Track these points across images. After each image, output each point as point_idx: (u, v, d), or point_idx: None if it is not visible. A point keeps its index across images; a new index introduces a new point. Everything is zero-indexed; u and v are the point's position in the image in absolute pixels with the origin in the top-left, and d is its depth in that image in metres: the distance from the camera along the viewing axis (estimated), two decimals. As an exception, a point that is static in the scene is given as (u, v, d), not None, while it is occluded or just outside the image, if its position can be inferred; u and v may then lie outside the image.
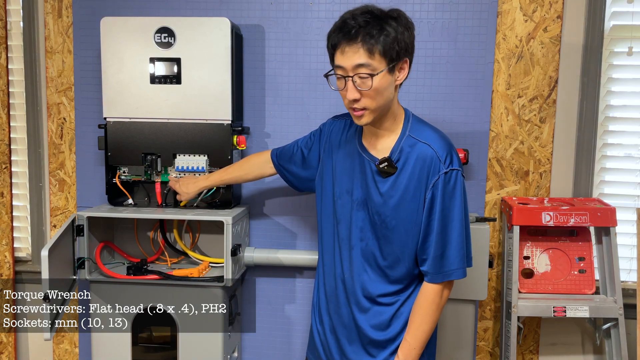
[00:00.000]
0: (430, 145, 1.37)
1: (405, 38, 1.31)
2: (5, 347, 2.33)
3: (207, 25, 1.88)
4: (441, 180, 1.36)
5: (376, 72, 1.28)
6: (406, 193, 1.38)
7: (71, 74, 2.16)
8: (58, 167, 2.22)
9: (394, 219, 1.40)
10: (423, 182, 1.37)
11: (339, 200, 1.48)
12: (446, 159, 1.36)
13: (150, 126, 1.93)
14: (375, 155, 1.42)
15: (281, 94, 2.06)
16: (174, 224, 2.01)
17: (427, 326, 1.41)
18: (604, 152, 2.09)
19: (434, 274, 1.40)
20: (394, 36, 1.28)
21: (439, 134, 1.41)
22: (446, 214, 1.37)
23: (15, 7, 2.24)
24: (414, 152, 1.38)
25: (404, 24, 1.30)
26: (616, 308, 1.89)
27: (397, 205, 1.39)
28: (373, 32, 1.27)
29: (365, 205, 1.43)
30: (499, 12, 2.00)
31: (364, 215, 1.44)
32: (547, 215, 1.89)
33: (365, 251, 1.45)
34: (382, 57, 1.28)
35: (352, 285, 1.47)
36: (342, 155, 1.50)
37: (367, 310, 1.46)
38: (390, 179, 1.39)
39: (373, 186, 1.41)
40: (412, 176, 1.38)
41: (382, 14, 1.30)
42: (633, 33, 2.02)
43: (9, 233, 2.29)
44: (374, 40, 1.27)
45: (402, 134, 1.41)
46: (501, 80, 2.03)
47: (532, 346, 2.15)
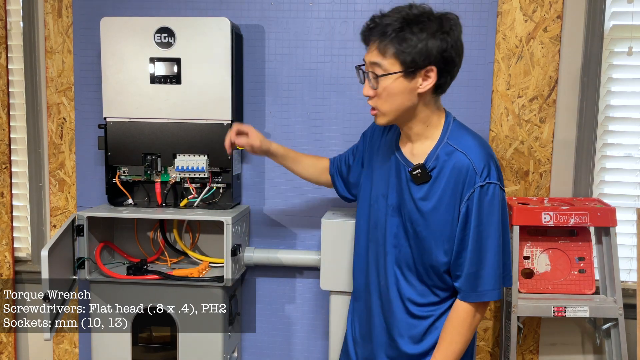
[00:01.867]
0: (467, 154, 1.29)
1: (429, 45, 1.23)
2: (5, 347, 2.33)
3: (207, 25, 1.88)
4: (477, 193, 1.27)
5: (384, 74, 1.25)
6: (439, 204, 1.31)
7: (71, 74, 2.16)
8: (58, 167, 2.22)
9: (425, 229, 1.33)
10: (458, 194, 1.29)
11: (374, 205, 1.43)
12: (483, 171, 1.27)
13: (150, 126, 1.93)
14: (410, 160, 1.36)
15: (281, 94, 2.06)
16: (174, 224, 2.01)
17: (457, 346, 1.34)
18: (604, 152, 2.09)
19: (467, 292, 1.32)
20: (412, 41, 1.22)
21: (479, 142, 1.32)
22: (482, 230, 1.29)
23: (15, 7, 2.24)
24: (450, 160, 1.30)
25: (431, 31, 1.23)
26: (616, 308, 1.89)
27: (430, 216, 1.32)
28: (389, 32, 1.23)
29: (399, 211, 1.38)
30: (499, 12, 2.00)
31: (398, 221, 1.38)
32: (547, 215, 1.89)
33: (399, 258, 1.39)
34: (395, 60, 1.24)
35: (386, 293, 1.41)
36: (380, 157, 1.45)
37: (400, 321, 1.40)
38: (424, 186, 1.33)
39: (407, 192, 1.35)
40: (447, 186, 1.30)
41: (411, 16, 1.24)
42: (633, 33, 2.02)
43: (9, 233, 2.29)
44: (387, 41, 1.23)
45: (439, 141, 1.34)
46: (501, 80, 2.03)
47: (532, 346, 2.15)
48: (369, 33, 1.27)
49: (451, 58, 1.27)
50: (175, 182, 1.98)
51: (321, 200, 2.08)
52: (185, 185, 2.00)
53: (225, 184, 1.99)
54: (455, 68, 1.30)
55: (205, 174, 1.95)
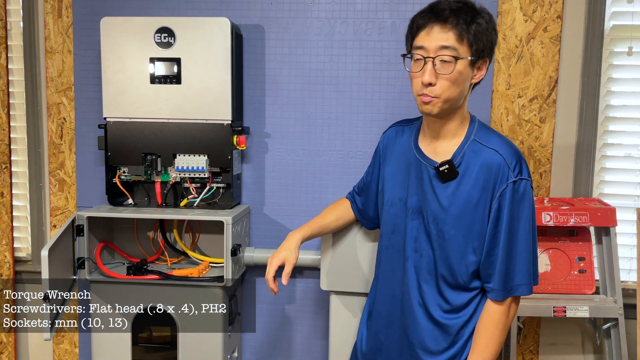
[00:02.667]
0: (498, 151, 1.28)
1: (493, 38, 1.28)
2: (5, 347, 2.33)
3: (207, 25, 1.88)
4: (509, 189, 1.26)
5: (462, 57, 1.24)
6: (469, 202, 1.29)
7: (71, 74, 2.16)
8: (58, 167, 2.22)
9: (453, 228, 1.30)
10: (489, 190, 1.28)
11: (391, 209, 1.41)
12: (515, 167, 1.27)
13: (150, 126, 1.93)
14: (433, 159, 1.34)
15: (281, 94, 2.06)
16: (174, 224, 2.01)
17: (494, 348, 1.31)
18: (604, 152, 2.09)
19: (499, 290, 1.30)
20: (485, 29, 1.25)
21: (507, 141, 1.32)
22: (513, 225, 1.27)
23: (15, 7, 2.24)
24: (478, 157, 1.29)
25: (493, 26, 1.28)
26: (616, 308, 1.89)
27: (459, 215, 1.30)
28: (467, 18, 1.24)
29: (420, 213, 1.35)
30: (499, 12, 2.00)
31: (419, 225, 1.35)
32: (547, 215, 1.89)
33: (420, 263, 1.35)
34: (469, 46, 1.24)
35: (409, 300, 1.37)
36: (395, 162, 1.43)
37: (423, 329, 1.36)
38: (450, 185, 1.30)
39: (430, 192, 1.33)
40: (476, 183, 1.28)
41: (476, 7, 1.27)
42: (633, 33, 2.02)
43: (9, 233, 2.29)
44: (466, 26, 1.23)
45: (466, 138, 1.33)
46: (501, 80, 2.03)
47: (532, 346, 2.15)
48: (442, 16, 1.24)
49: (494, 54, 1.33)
50: (175, 182, 1.98)
51: (321, 200, 2.08)
52: (185, 185, 2.00)
53: (225, 184, 1.98)
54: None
55: (205, 174, 1.95)
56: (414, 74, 1.29)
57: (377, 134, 2.01)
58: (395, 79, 2.01)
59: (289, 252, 1.46)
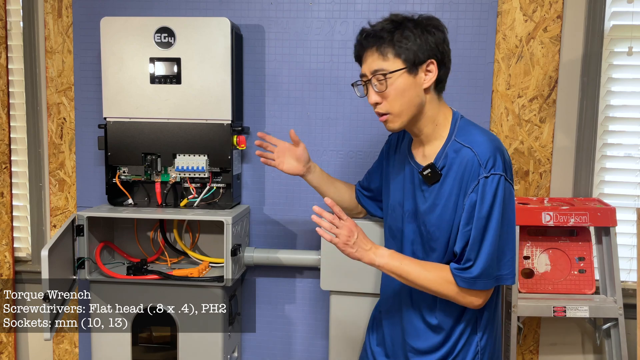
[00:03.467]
0: (472, 148, 1.28)
1: (425, 39, 1.28)
2: (5, 347, 2.33)
3: (207, 25, 1.88)
4: (481, 184, 1.26)
5: (391, 72, 1.28)
6: (448, 202, 1.31)
7: (71, 74, 2.16)
8: (58, 167, 2.22)
9: (437, 230, 1.33)
10: (463, 189, 1.29)
11: (392, 213, 1.45)
12: (487, 163, 1.26)
13: (150, 126, 1.93)
14: (421, 163, 1.37)
15: (281, 94, 2.06)
16: (174, 224, 2.01)
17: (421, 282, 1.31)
18: (604, 152, 2.09)
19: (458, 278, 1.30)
20: (408, 37, 1.27)
21: (487, 136, 1.31)
22: (484, 221, 1.26)
23: (15, 7, 2.24)
24: (458, 157, 1.30)
25: (423, 26, 1.29)
26: (616, 308, 1.89)
27: (440, 215, 1.32)
28: (384, 35, 1.28)
29: (415, 216, 1.38)
30: (499, 12, 2.00)
31: (415, 227, 1.38)
32: (547, 215, 1.89)
33: None
34: (395, 58, 1.28)
35: (408, 302, 1.42)
36: (396, 165, 1.47)
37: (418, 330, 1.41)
38: (435, 187, 1.33)
39: (420, 196, 1.36)
40: (454, 183, 1.30)
41: (400, 18, 1.30)
42: (633, 33, 2.02)
43: (9, 233, 2.29)
44: (385, 43, 1.27)
45: (447, 139, 1.34)
46: (501, 80, 2.03)
47: (532, 346, 2.15)
48: (365, 43, 1.31)
49: (446, 51, 1.33)
50: (175, 182, 1.98)
51: (321, 200, 2.07)
52: (185, 185, 2.00)
53: (225, 184, 1.98)
54: (450, 61, 1.35)
55: (205, 174, 1.95)
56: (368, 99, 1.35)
57: (377, 134, 2.01)
58: (395, 79, 2.01)
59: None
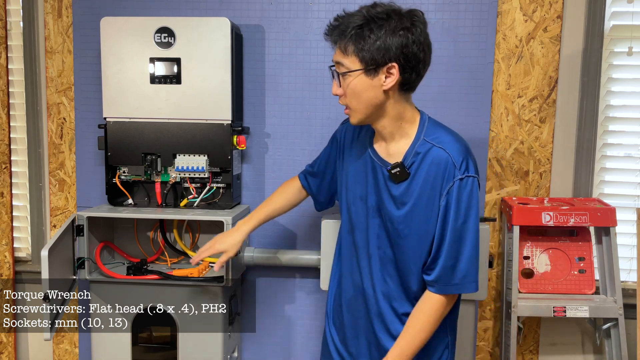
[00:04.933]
0: (445, 149, 1.29)
1: (388, 42, 1.23)
2: (5, 347, 2.33)
3: (207, 25, 1.88)
4: (456, 186, 1.28)
5: (346, 71, 1.27)
6: (419, 200, 1.31)
7: (71, 74, 2.16)
8: (58, 167, 2.22)
9: (406, 227, 1.33)
10: (437, 188, 1.30)
11: (352, 207, 1.43)
12: (462, 165, 1.28)
13: (150, 126, 1.93)
14: (387, 160, 1.36)
15: (281, 94, 2.06)
16: (174, 224, 2.01)
17: (425, 335, 1.34)
18: (604, 152, 2.09)
19: (444, 285, 1.32)
20: (370, 39, 1.23)
21: (456, 137, 1.33)
22: (460, 222, 1.29)
23: (15, 7, 2.24)
24: (428, 156, 1.31)
25: (390, 28, 1.23)
26: (616, 308, 1.89)
27: (410, 213, 1.32)
28: (348, 31, 1.24)
29: (379, 212, 1.38)
30: (499, 12, 2.00)
31: (380, 222, 1.38)
32: (547, 215, 1.89)
33: (384, 260, 1.39)
34: (355, 58, 1.25)
35: (373, 296, 1.41)
36: (354, 159, 1.45)
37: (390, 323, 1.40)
38: (403, 184, 1.33)
39: (385, 192, 1.36)
40: (425, 182, 1.31)
41: (372, 14, 1.24)
42: (633, 33, 2.02)
43: (9, 233, 2.29)
44: (346, 39, 1.25)
45: (416, 138, 1.33)
46: (501, 80, 2.03)
47: (532, 346, 2.15)
48: (330, 33, 1.29)
49: (413, 54, 1.25)
50: (175, 182, 1.98)
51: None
52: (185, 185, 2.00)
53: (225, 184, 1.98)
54: (421, 64, 1.28)
55: (205, 174, 1.95)
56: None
57: (377, 134, 2.01)
58: (395, 79, 2.01)
59: (231, 246, 1.59)
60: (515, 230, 1.91)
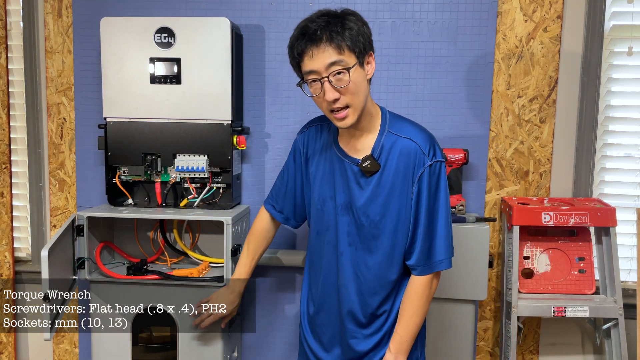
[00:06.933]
0: (412, 139, 1.37)
1: (366, 32, 1.33)
2: (5, 347, 2.33)
3: (207, 25, 1.88)
4: (426, 172, 1.36)
5: (350, 66, 1.29)
6: (393, 190, 1.38)
7: (71, 74, 2.16)
8: (58, 167, 2.22)
9: (382, 217, 1.39)
10: (409, 176, 1.37)
11: (323, 207, 1.47)
12: (429, 152, 1.37)
13: (150, 126, 1.93)
14: (355, 157, 1.41)
15: (281, 94, 2.06)
16: (174, 224, 2.01)
17: (418, 318, 1.42)
18: (604, 152, 2.09)
19: (423, 267, 1.40)
20: (357, 29, 1.30)
21: (419, 128, 1.42)
22: (432, 205, 1.38)
23: (15, 7, 2.24)
24: (396, 148, 1.38)
25: (361, 20, 1.33)
26: (616, 308, 1.89)
27: (385, 204, 1.39)
28: (337, 29, 1.28)
29: (349, 209, 1.42)
30: (499, 12, 2.00)
31: (350, 220, 1.42)
32: (547, 215, 1.89)
33: (355, 256, 1.43)
34: (350, 52, 1.30)
35: (346, 293, 1.45)
36: (320, 161, 1.48)
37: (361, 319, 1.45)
38: (374, 178, 1.39)
39: (356, 188, 1.40)
40: (397, 172, 1.38)
41: (338, 13, 1.32)
42: (633, 33, 2.02)
43: (9, 233, 2.29)
44: (340, 36, 1.28)
45: (381, 131, 1.40)
46: (501, 80, 2.03)
47: (532, 346, 2.15)
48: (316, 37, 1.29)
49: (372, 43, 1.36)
50: (175, 182, 1.98)
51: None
52: (185, 185, 2.00)
53: (225, 184, 1.98)
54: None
55: (205, 174, 1.95)
56: (316, 98, 1.35)
57: (377, 134, 2.01)
58: (395, 79, 2.01)
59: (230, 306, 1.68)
60: (515, 230, 1.91)
